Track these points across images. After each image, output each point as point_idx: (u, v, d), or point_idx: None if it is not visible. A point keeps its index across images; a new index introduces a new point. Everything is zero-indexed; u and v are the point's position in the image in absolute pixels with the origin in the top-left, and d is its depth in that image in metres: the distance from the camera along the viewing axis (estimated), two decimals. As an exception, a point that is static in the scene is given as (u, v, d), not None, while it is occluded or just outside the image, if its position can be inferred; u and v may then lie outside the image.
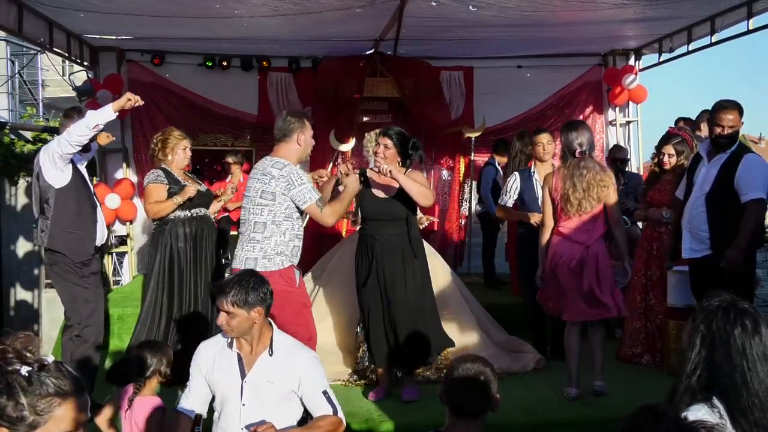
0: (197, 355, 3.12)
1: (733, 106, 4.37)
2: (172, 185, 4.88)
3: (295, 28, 6.61)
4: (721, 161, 4.37)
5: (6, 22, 5.60)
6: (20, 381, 1.52)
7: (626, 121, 8.52)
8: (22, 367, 1.54)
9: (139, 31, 7.06)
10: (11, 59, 15.93)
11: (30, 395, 1.52)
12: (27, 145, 8.16)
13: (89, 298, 4.53)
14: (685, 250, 4.51)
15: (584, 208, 4.42)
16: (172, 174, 4.94)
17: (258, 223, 3.95)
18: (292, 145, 4.09)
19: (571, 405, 4.45)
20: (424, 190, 4.38)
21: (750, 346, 1.99)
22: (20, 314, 8.04)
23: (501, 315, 5.78)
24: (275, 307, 3.90)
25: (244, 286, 2.93)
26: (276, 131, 4.15)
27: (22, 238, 8.11)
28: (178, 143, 4.99)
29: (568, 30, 6.88)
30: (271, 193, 3.93)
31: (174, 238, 4.88)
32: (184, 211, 4.90)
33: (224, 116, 8.17)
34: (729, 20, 6.33)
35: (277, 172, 3.94)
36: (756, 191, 4.23)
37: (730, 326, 2.02)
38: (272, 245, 3.93)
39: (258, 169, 4.09)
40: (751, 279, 4.54)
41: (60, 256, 4.47)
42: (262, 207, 3.95)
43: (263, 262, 3.90)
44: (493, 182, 7.27)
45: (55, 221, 4.43)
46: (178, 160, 4.99)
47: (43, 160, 4.42)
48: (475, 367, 2.44)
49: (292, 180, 3.93)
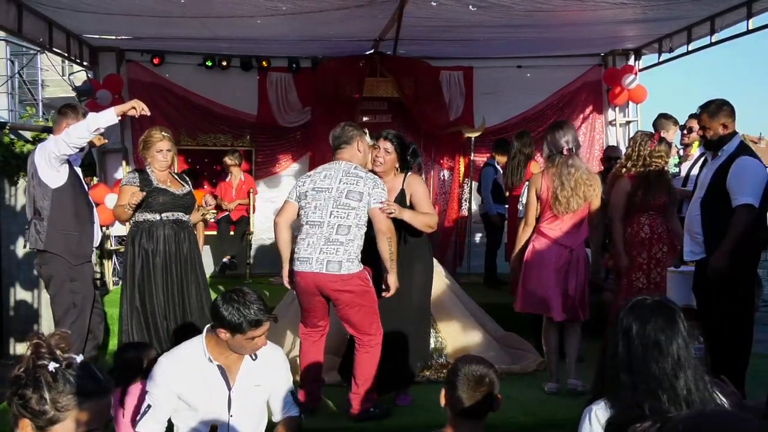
0: (164, 372, 2.85)
1: (705, 108, 4.31)
2: (144, 187, 4.54)
3: (294, 28, 6.61)
4: (716, 164, 4.32)
5: (6, 22, 5.60)
6: (46, 376, 1.60)
7: (626, 121, 8.53)
8: (51, 363, 1.61)
9: (138, 31, 7.06)
10: (11, 59, 15.91)
11: (53, 391, 1.59)
12: (27, 145, 8.14)
13: (76, 303, 4.42)
14: (686, 253, 4.50)
15: (572, 207, 4.53)
16: (149, 177, 4.62)
17: (342, 226, 3.98)
18: (354, 151, 4.14)
19: (571, 405, 4.44)
20: (427, 220, 4.30)
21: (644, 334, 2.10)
22: (20, 314, 8.03)
23: (501, 315, 5.77)
24: (354, 305, 3.99)
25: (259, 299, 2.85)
26: (333, 140, 4.19)
27: (22, 238, 8.09)
28: (156, 144, 4.60)
29: (568, 30, 6.88)
30: (359, 193, 3.98)
31: (150, 240, 4.59)
32: (156, 214, 4.58)
33: (224, 116, 8.17)
34: (729, 20, 6.33)
35: (363, 174, 4.04)
36: (744, 196, 4.10)
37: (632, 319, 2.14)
38: (354, 248, 4.00)
39: (334, 169, 4.07)
40: (750, 283, 4.48)
41: (55, 257, 4.37)
42: (349, 210, 3.98)
43: (347, 265, 3.96)
44: (494, 182, 7.28)
45: (52, 222, 4.34)
46: (157, 161, 4.63)
47: (38, 160, 4.34)
48: (480, 369, 2.43)
49: (377, 182, 4.05)
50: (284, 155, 8.42)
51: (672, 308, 2.16)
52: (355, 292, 3.99)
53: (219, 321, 2.77)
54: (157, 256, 4.59)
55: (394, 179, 4.40)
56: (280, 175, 8.40)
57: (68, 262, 4.39)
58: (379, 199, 3.99)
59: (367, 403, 4.10)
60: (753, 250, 4.35)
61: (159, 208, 4.57)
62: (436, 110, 8.22)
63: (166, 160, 4.67)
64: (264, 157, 8.29)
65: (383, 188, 4.06)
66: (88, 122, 4.19)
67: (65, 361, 1.63)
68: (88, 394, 1.61)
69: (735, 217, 4.11)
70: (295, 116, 8.28)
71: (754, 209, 4.12)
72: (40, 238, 4.38)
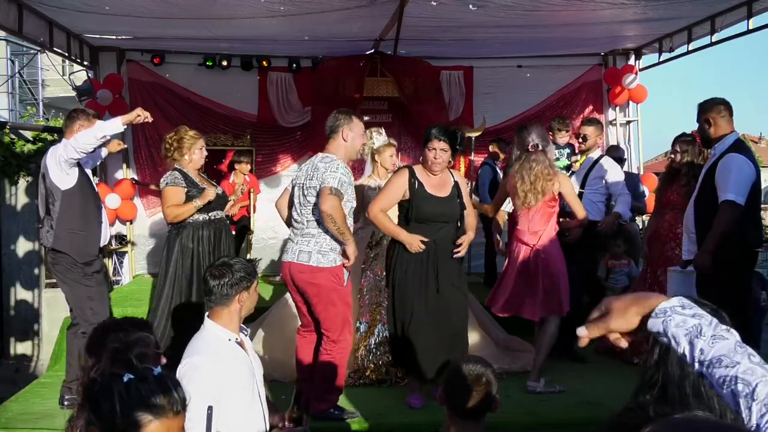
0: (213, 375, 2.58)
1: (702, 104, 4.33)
2: (189, 188, 4.73)
3: (295, 28, 6.61)
4: (709, 163, 4.31)
5: (6, 22, 5.60)
6: (119, 387, 1.53)
7: (626, 121, 8.53)
8: (126, 374, 1.54)
9: (139, 30, 7.06)
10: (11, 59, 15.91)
11: (124, 403, 1.51)
12: (27, 145, 8.15)
13: (92, 296, 4.55)
14: (685, 252, 4.51)
15: (529, 202, 4.63)
16: (188, 176, 4.78)
17: (311, 220, 4.05)
18: (339, 140, 4.14)
19: (571, 405, 4.45)
20: (475, 223, 4.50)
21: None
22: (20, 314, 8.04)
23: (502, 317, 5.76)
24: (321, 301, 3.98)
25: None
26: (326, 129, 4.21)
27: (22, 238, 8.11)
28: (195, 143, 4.82)
29: (568, 30, 6.88)
30: (316, 188, 4.00)
31: (194, 241, 4.72)
32: (203, 214, 4.76)
33: (224, 116, 8.17)
34: (729, 20, 6.33)
35: (322, 165, 4.02)
36: (727, 192, 4.05)
37: None
38: (327, 241, 4.02)
39: (308, 164, 4.15)
40: (748, 283, 4.46)
41: (63, 255, 4.50)
42: (312, 207, 4.04)
43: (317, 257, 4.01)
44: (492, 181, 7.26)
45: (60, 222, 4.46)
46: (196, 160, 4.83)
47: (50, 162, 4.46)
48: (477, 368, 2.43)
49: (329, 168, 3.98)
50: (284, 155, 8.42)
51: None
52: (323, 287, 3.99)
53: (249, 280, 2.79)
54: (203, 256, 4.72)
55: (444, 173, 4.37)
56: (280, 175, 8.40)
57: (75, 260, 4.50)
58: (324, 181, 3.95)
59: (324, 404, 4.08)
60: (745, 248, 4.27)
61: (205, 207, 4.73)
62: (436, 110, 8.21)
63: (203, 159, 4.88)
64: (264, 156, 8.29)
65: (334, 172, 3.96)
66: (95, 130, 4.32)
67: (141, 372, 1.56)
68: (160, 410, 1.53)
69: (718, 214, 4.08)
70: (296, 116, 8.28)
71: (738, 206, 4.06)
72: (49, 237, 4.50)
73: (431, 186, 4.29)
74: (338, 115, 4.19)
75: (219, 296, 2.75)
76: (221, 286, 2.74)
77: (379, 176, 5.24)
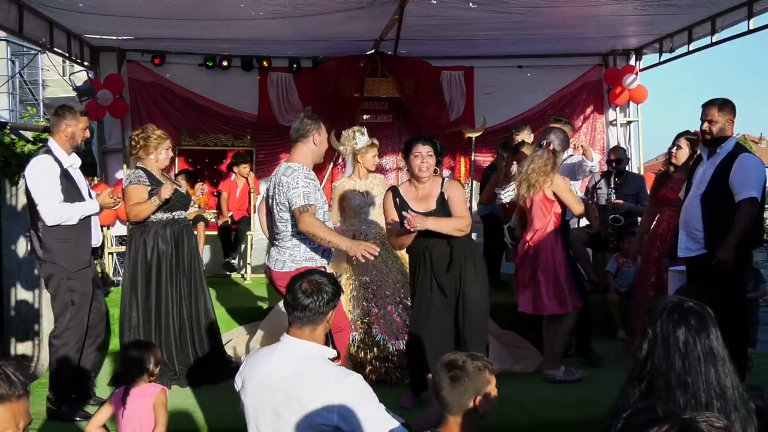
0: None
1: (713, 102, 4.37)
2: (153, 186, 4.68)
3: (295, 29, 6.61)
4: (717, 161, 4.36)
5: (6, 22, 5.60)
6: None
7: (627, 121, 8.52)
8: None
9: (139, 31, 7.06)
10: (11, 59, 15.93)
11: None
12: (27, 146, 8.15)
13: (74, 300, 4.39)
14: (681, 249, 4.53)
15: (522, 192, 4.86)
16: (153, 175, 4.75)
17: (285, 233, 4.11)
18: (309, 145, 4.18)
19: (571, 405, 4.45)
20: (456, 224, 4.17)
21: (693, 344, 1.92)
22: (20, 314, 8.03)
23: (504, 315, 5.75)
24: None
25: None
26: (293, 132, 4.24)
27: (22, 238, 8.10)
28: (162, 143, 4.77)
29: (569, 30, 6.88)
30: (285, 204, 4.04)
31: (156, 240, 4.70)
32: (166, 213, 4.75)
33: (224, 116, 8.17)
34: (729, 20, 6.33)
35: (285, 180, 4.04)
36: (749, 190, 4.21)
37: (673, 326, 1.95)
38: (302, 252, 4.12)
39: (275, 176, 4.17)
40: (743, 280, 4.51)
41: (55, 266, 4.34)
42: (283, 222, 4.10)
43: (290, 264, 4.08)
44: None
45: (47, 231, 4.29)
46: (161, 160, 4.80)
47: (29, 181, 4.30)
48: (456, 355, 2.39)
49: (291, 184, 3.99)
50: (285, 155, 8.31)
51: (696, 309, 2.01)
52: None
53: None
54: (164, 255, 4.71)
55: (432, 184, 4.32)
56: (280, 175, 8.39)
57: (65, 269, 4.34)
58: (294, 203, 3.95)
59: None
60: (746, 247, 4.39)
61: (168, 207, 4.71)
62: (436, 110, 8.22)
63: (169, 159, 4.87)
64: (264, 156, 8.28)
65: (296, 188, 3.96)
66: (75, 212, 4.30)
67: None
68: (2, 397, 1.59)
69: (741, 211, 4.20)
70: (296, 116, 8.20)
71: (758, 203, 4.24)
72: (36, 247, 4.36)
73: (414, 200, 4.31)
74: (307, 120, 4.23)
75: (315, 314, 2.57)
76: (317, 302, 2.57)
77: (359, 176, 5.26)
